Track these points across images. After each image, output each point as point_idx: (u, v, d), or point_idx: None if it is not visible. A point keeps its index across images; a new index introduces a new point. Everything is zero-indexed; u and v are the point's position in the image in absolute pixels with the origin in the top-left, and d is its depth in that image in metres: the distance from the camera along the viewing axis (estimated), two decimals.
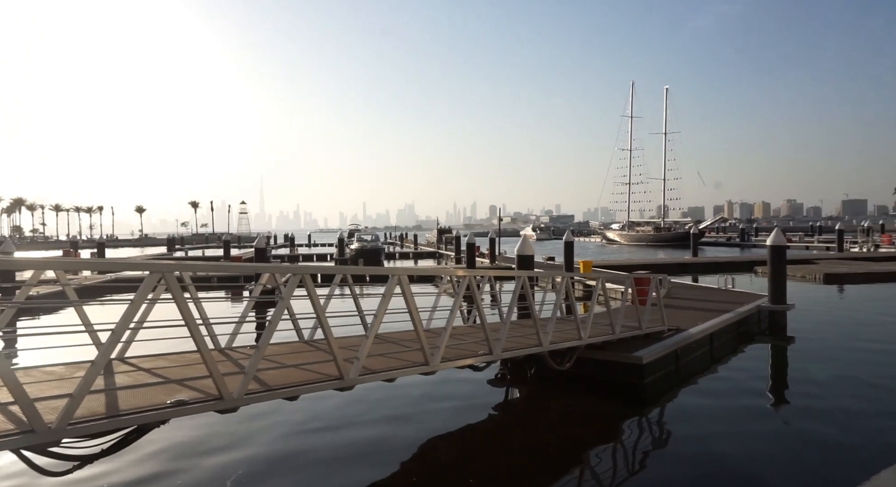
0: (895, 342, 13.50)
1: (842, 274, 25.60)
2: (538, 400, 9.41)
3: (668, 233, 72.74)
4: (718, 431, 7.81)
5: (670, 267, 30.94)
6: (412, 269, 21.04)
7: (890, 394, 9.33)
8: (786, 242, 16.73)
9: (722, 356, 11.96)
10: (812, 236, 64.69)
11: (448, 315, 6.91)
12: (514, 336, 8.60)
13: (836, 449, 7.07)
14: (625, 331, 10.18)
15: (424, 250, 58.32)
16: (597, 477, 6.52)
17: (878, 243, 44.74)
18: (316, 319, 5.59)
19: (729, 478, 6.36)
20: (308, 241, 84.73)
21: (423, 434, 7.60)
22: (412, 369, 6.31)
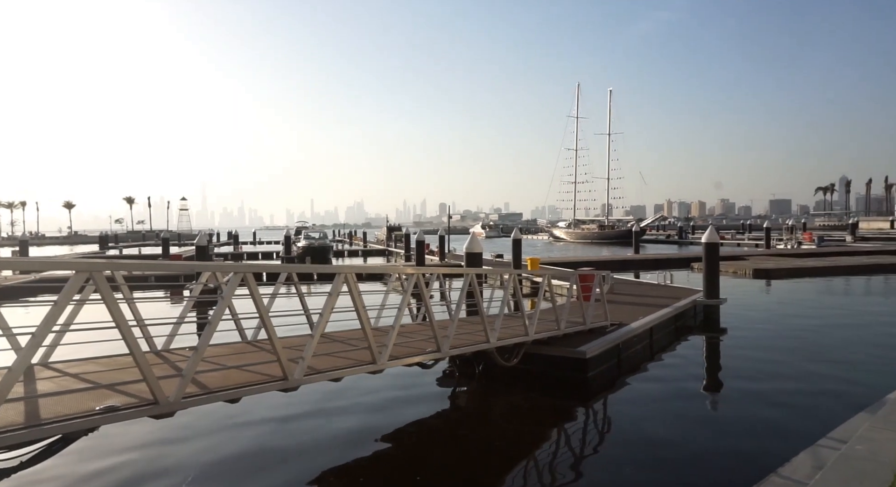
0: (817, 332, 14.46)
1: (769, 270, 27.23)
2: (486, 396, 9.50)
3: (612, 231, 75.20)
4: (657, 419, 8.18)
5: (613, 264, 31.97)
6: (360, 267, 20.84)
7: (811, 381, 9.98)
8: (719, 239, 17.64)
9: (661, 349, 12.47)
10: (743, 233, 68.60)
11: (396, 313, 6.84)
12: (462, 333, 8.64)
13: (762, 430, 7.57)
14: (570, 326, 10.42)
15: (374, 248, 57.72)
16: (543, 470, 6.64)
17: (801, 241, 47.92)
18: (259, 319, 5.39)
19: (667, 462, 6.65)
20: (253, 238, 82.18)
21: (370, 433, 7.52)
22: (359, 368, 6.21)
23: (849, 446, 4.47)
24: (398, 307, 6.97)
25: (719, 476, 6.23)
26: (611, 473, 6.49)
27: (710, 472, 6.38)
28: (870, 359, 11.43)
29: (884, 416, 5.31)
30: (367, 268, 24.14)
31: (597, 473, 6.55)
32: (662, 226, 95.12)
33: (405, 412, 8.39)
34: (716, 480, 6.17)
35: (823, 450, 5.51)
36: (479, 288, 8.92)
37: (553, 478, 6.41)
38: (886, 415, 5.32)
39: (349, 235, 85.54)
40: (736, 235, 66.51)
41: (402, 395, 9.31)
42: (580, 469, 6.65)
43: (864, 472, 3.81)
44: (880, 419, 5.21)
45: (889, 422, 5.05)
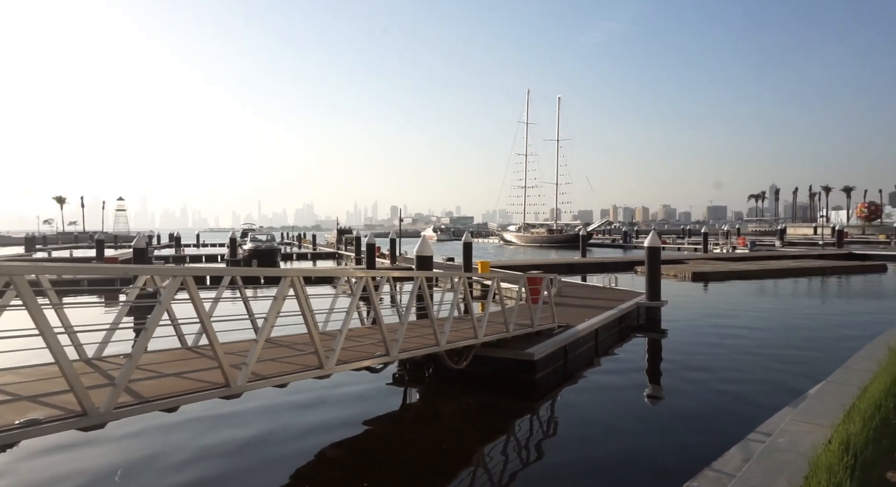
0: (749, 332, 15.25)
1: (706, 273, 28.60)
2: (435, 399, 9.51)
3: (561, 235, 77.04)
4: (601, 417, 8.44)
5: (561, 267, 32.73)
6: (308, 270, 20.41)
7: (744, 379, 10.52)
8: (660, 244, 18.39)
9: (606, 350, 12.85)
10: (683, 238, 71.78)
11: (344, 317, 6.75)
12: (411, 337, 8.62)
13: (699, 426, 7.94)
14: (518, 329, 10.59)
15: (323, 251, 56.80)
16: (491, 471, 6.70)
17: (735, 245, 50.67)
18: (200, 324, 5.19)
19: (611, 459, 6.86)
20: (196, 241, 79.18)
21: (316, 440, 7.37)
22: (306, 373, 6.09)
23: (772, 439, 4.76)
24: (346, 310, 6.88)
25: (659, 471, 6.47)
26: (557, 472, 6.62)
27: (651, 468, 6.61)
28: (797, 357, 12.16)
29: (804, 409, 5.68)
30: (315, 271, 23.67)
31: (543, 472, 6.67)
32: (608, 230, 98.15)
33: (353, 417, 8.29)
34: (656, 475, 6.41)
35: (752, 443, 5.82)
36: (430, 291, 8.94)
37: (501, 478, 6.47)
38: (806, 409, 5.69)
39: (298, 237, 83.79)
40: (676, 239, 69.50)
41: (351, 400, 9.20)
42: (528, 469, 6.75)
43: (784, 463, 4.07)
44: (801, 412, 5.57)
45: (808, 415, 5.41)
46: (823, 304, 21.87)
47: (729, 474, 4.71)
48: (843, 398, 5.41)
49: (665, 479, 6.19)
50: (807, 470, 3.37)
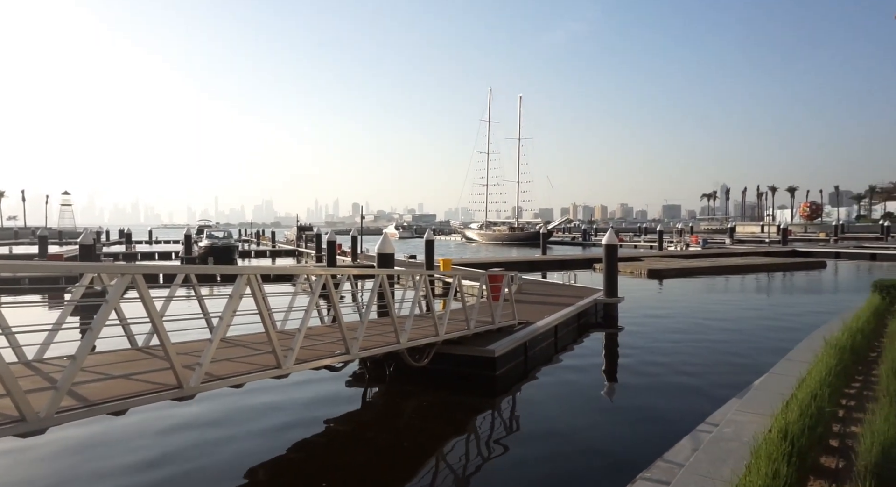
0: (701, 327, 15.84)
1: (661, 270, 29.52)
2: (396, 397, 9.49)
3: (522, 233, 77.92)
4: (560, 412, 8.61)
5: (522, 265, 33.17)
6: (266, 268, 19.99)
7: (696, 371, 10.91)
8: (618, 241, 18.86)
9: (565, 346, 13.11)
10: (639, 236, 73.82)
11: (303, 315, 6.65)
12: (372, 335, 8.58)
13: (654, 418, 8.19)
14: (479, 326, 10.67)
15: (283, 249, 55.70)
16: (452, 467, 6.73)
17: (689, 243, 52.50)
18: (151, 323, 5.01)
19: (569, 451, 7.01)
20: (149, 237, 76.30)
21: (274, 441, 7.25)
22: (263, 372, 5.96)
23: (718, 429, 4.97)
24: (305, 309, 6.78)
25: (615, 463, 6.64)
26: (517, 466, 6.72)
27: (608, 460, 6.78)
28: (745, 350, 12.71)
29: (748, 400, 5.96)
30: (274, 269, 23.21)
31: (503, 467, 6.74)
32: (568, 229, 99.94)
33: (312, 417, 8.18)
34: (612, 467, 6.57)
35: (701, 434, 6.05)
36: (391, 289, 8.90)
37: (462, 475, 6.52)
38: (750, 399, 5.97)
39: (257, 234, 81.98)
40: (633, 237, 71.41)
41: (310, 399, 9.08)
42: (488, 465, 6.82)
43: (729, 451, 4.26)
44: (745, 403, 5.84)
45: (751, 405, 5.68)
46: (769, 299, 22.91)
47: (679, 464, 4.88)
48: (783, 389, 5.70)
49: (621, 471, 6.35)
50: (749, 458, 3.54)
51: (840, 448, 4.52)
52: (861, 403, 5.57)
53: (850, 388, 6.28)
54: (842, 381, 5.81)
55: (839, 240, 56.68)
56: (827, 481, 3.92)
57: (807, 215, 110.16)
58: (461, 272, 12.09)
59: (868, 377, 6.67)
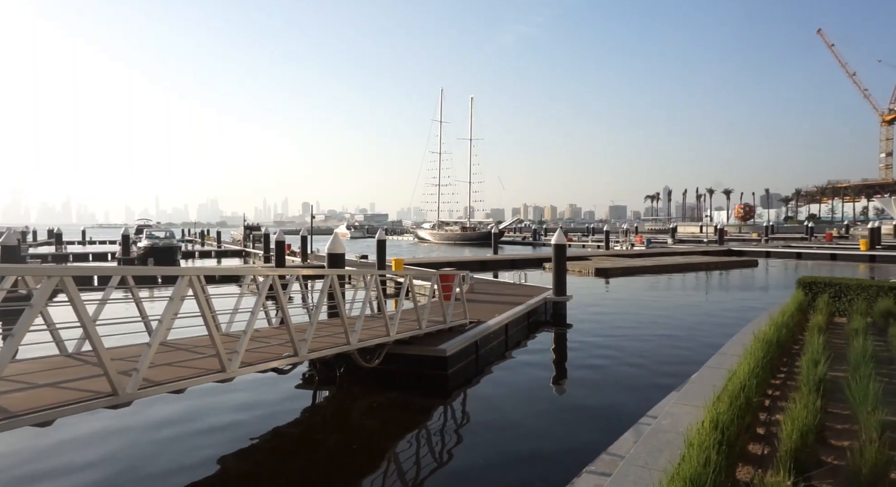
0: (646, 323, 16.46)
1: (608, 269, 30.47)
2: (347, 399, 9.39)
3: (474, 232, 78.60)
4: (511, 409, 8.76)
5: (474, 264, 33.46)
6: (211, 268, 19.30)
7: (640, 367, 11.34)
8: (566, 241, 19.36)
9: (515, 344, 13.33)
10: (587, 236, 75.94)
11: (249, 317, 6.48)
12: (322, 336, 8.46)
13: (600, 412, 8.47)
14: (431, 326, 10.70)
15: (229, 249, 53.99)
16: (402, 467, 6.73)
17: (633, 243, 54.47)
18: (82, 328, 4.75)
19: (519, 448, 7.15)
20: (82, 238, 72.21)
21: (218, 447, 7.03)
22: (206, 377, 5.77)
23: (657, 421, 5.20)
24: (252, 310, 6.61)
25: (564, 458, 6.81)
26: (468, 463, 6.78)
27: (557, 455, 6.94)
28: (685, 345, 13.31)
29: (684, 393, 6.27)
30: (219, 270, 22.47)
31: (455, 464, 6.79)
32: (519, 228, 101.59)
33: (258, 421, 7.99)
34: (561, 462, 6.73)
35: (642, 426, 6.30)
36: (342, 290, 8.80)
37: (413, 475, 6.52)
38: (686, 392, 6.28)
39: (201, 234, 79.12)
40: (582, 237, 73.41)
41: (258, 403, 8.86)
42: (440, 463, 6.86)
43: (666, 442, 4.47)
44: (682, 395, 6.14)
45: (687, 398, 5.98)
46: (707, 296, 24.07)
47: (621, 456, 5.07)
48: (716, 381, 6.02)
49: (568, 465, 6.52)
50: (683, 448, 3.73)
51: (766, 435, 4.83)
52: (785, 392, 5.95)
53: (776, 379, 6.70)
54: (768, 372, 6.20)
55: (769, 240, 60.18)
56: (753, 466, 4.18)
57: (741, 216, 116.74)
58: (413, 272, 12.09)
59: (792, 369, 7.14)
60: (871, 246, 40.90)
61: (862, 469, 3.52)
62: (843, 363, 6.80)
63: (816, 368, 5.59)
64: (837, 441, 4.72)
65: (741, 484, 3.81)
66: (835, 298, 11.82)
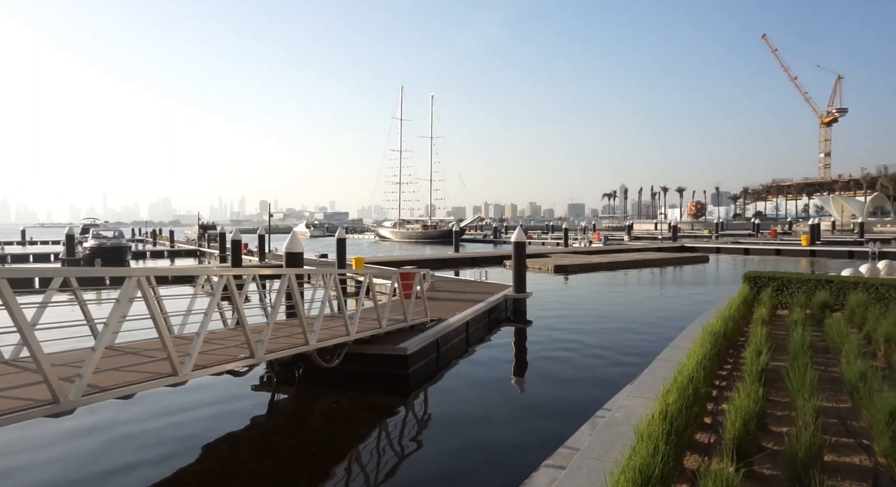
0: (603, 318, 16.87)
1: (566, 265, 31.05)
2: (306, 400, 9.26)
3: (435, 231, 78.70)
4: (472, 405, 8.81)
5: (435, 262, 33.51)
6: (162, 269, 18.66)
7: (599, 361, 11.60)
8: (526, 239, 19.63)
9: (476, 341, 13.43)
10: (547, 233, 77.21)
11: (202, 319, 6.30)
12: (279, 337, 8.32)
13: (560, 407, 8.63)
14: (391, 324, 10.67)
15: (183, 249, 52.29)
16: (363, 467, 6.70)
17: (591, 240, 55.78)
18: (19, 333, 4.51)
19: (480, 444, 7.21)
20: (22, 238, 68.51)
21: (173, 453, 6.82)
22: (156, 381, 5.58)
23: (611, 414, 5.36)
24: (205, 311, 6.43)
25: (524, 453, 6.90)
26: (429, 461, 6.81)
27: (517, 451, 7.02)
28: (641, 338, 13.71)
29: (637, 385, 6.47)
30: (171, 270, 21.72)
31: (416, 463, 6.81)
32: (480, 226, 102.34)
33: (213, 426, 7.78)
34: (521, 457, 6.81)
35: (598, 420, 6.46)
36: (300, 289, 8.66)
37: (374, 475, 6.50)
38: (639, 384, 6.49)
39: (153, 233, 76.34)
40: (541, 234, 74.54)
41: (213, 407, 8.64)
42: (400, 462, 6.86)
43: (619, 434, 4.61)
44: (635, 388, 6.35)
45: (640, 390, 6.18)
46: (662, 291, 24.88)
47: (577, 449, 5.19)
48: (667, 373, 6.25)
49: (528, 460, 6.62)
50: (635, 440, 3.85)
51: (712, 424, 5.04)
52: (731, 382, 6.22)
53: (723, 370, 7.00)
54: (715, 364, 6.47)
55: (720, 236, 62.62)
56: (700, 454, 4.36)
57: (693, 213, 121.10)
58: (373, 271, 12.02)
59: (738, 359, 7.46)
60: (812, 242, 43.14)
61: (798, 454, 3.72)
62: (783, 354, 7.16)
63: (759, 358, 5.87)
64: (777, 427, 4.97)
65: (688, 472, 3.97)
66: (777, 291, 12.42)
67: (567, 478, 4.04)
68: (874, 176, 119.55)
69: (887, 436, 3.92)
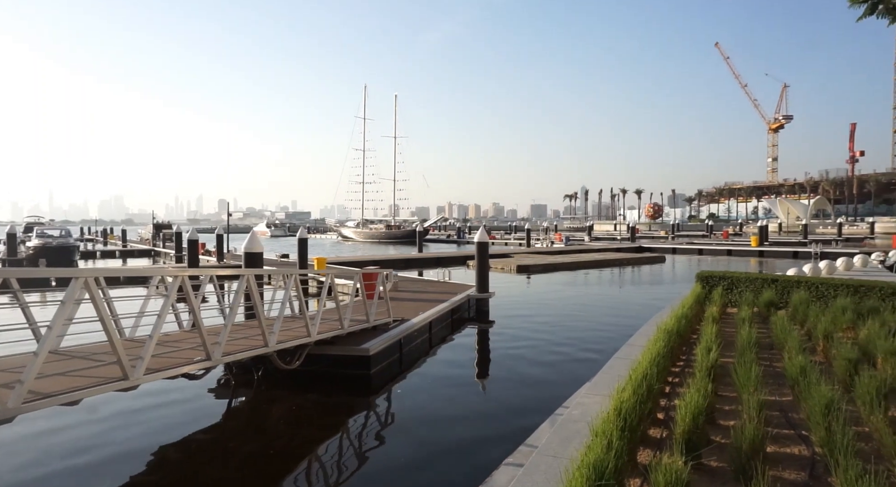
0: (565, 318, 17.16)
1: (529, 266, 31.47)
2: (265, 402, 9.09)
3: (399, 231, 78.40)
4: (434, 406, 8.83)
5: (398, 263, 33.41)
6: (112, 269, 17.96)
7: (561, 359, 11.79)
8: (489, 239, 19.79)
9: (439, 341, 13.46)
10: (510, 233, 78.04)
11: (156, 321, 6.11)
12: (238, 338, 8.15)
13: (521, 405, 8.73)
14: (354, 325, 10.58)
15: (136, 248, 50.42)
16: (324, 471, 6.62)
17: (553, 241, 56.72)
18: None
19: (443, 443, 7.25)
20: None
21: (125, 460, 6.59)
22: (105, 386, 5.38)
23: (569, 411, 5.48)
24: (159, 313, 6.23)
25: (486, 452, 6.96)
26: (391, 462, 6.78)
27: (479, 450, 7.07)
28: (601, 337, 14.02)
29: (595, 383, 6.64)
30: (123, 271, 20.93)
31: (378, 464, 6.77)
32: (444, 226, 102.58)
33: (169, 431, 7.55)
34: (482, 456, 6.86)
35: (558, 417, 6.58)
36: (260, 290, 8.49)
37: (334, 477, 6.44)
38: (596, 382, 6.66)
39: (104, 233, 73.31)
40: (504, 235, 75.25)
41: (167, 412, 8.38)
42: (362, 463, 6.80)
43: (576, 431, 4.72)
44: (592, 385, 6.51)
45: (597, 387, 6.34)
46: (621, 291, 25.51)
47: (536, 447, 5.28)
48: (623, 371, 6.43)
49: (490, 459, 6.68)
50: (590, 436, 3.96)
51: (665, 419, 5.22)
52: (683, 379, 6.45)
53: (676, 366, 7.25)
54: (669, 361, 6.69)
55: (675, 237, 64.63)
56: (653, 449, 4.51)
57: (650, 215, 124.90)
58: (335, 271, 11.88)
59: (690, 356, 7.74)
60: (760, 243, 45.05)
61: (742, 446, 3.90)
62: (732, 350, 7.47)
63: (709, 355, 6.11)
64: (725, 421, 5.19)
65: (641, 467, 4.10)
66: (728, 290, 12.94)
67: (525, 476, 4.11)
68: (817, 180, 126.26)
69: (823, 427, 4.15)
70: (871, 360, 6.73)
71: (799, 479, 4.03)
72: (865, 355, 6.85)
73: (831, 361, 6.85)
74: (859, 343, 7.35)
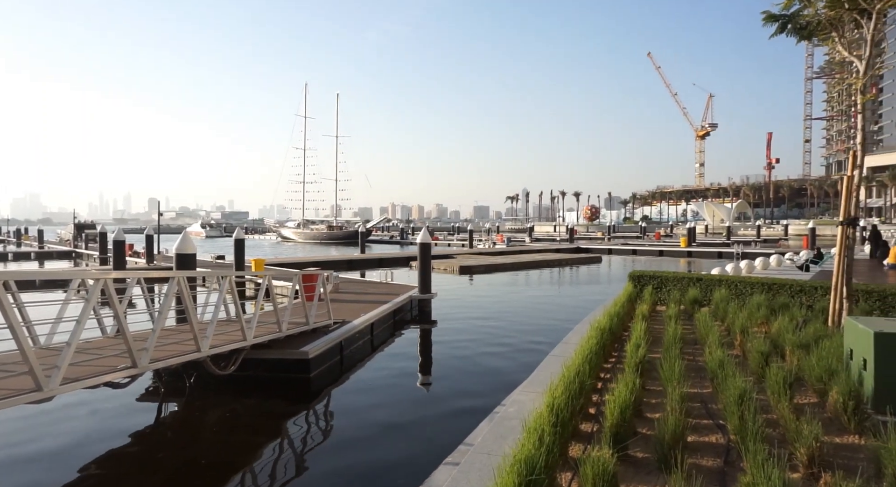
0: (506, 317, 17.45)
1: (471, 266, 31.82)
2: (198, 411, 8.73)
3: (341, 231, 77.20)
4: (376, 408, 8.75)
5: (340, 264, 32.94)
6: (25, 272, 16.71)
7: (500, 359, 11.99)
8: (432, 240, 19.89)
9: (381, 343, 13.38)
10: (453, 234, 78.58)
11: (74, 327, 5.75)
12: (168, 344, 7.81)
13: (463, 405, 8.82)
14: (292, 328, 10.36)
15: (55, 250, 47.10)
16: (259, 480, 6.43)
17: (495, 241, 57.66)
18: None
19: (384, 444, 7.23)
20: None
21: (41, 478, 6.16)
22: (15, 398, 5.01)
23: (504, 409, 5.61)
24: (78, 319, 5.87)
25: (427, 452, 6.95)
26: (331, 468, 6.67)
27: (420, 450, 7.10)
28: (539, 335, 14.36)
29: (530, 380, 6.83)
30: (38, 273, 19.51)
31: (318, 469, 6.64)
32: (387, 227, 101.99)
33: (91, 445, 7.12)
34: (424, 457, 6.86)
35: (496, 415, 6.71)
36: (193, 293, 8.16)
37: (272, 485, 6.27)
38: (532, 379, 6.85)
39: (17, 233, 68.02)
40: (447, 236, 75.71)
41: (88, 424, 7.90)
42: (301, 470, 6.66)
43: (511, 428, 4.85)
44: (528, 383, 6.69)
45: (533, 385, 6.53)
46: (559, 290, 26.26)
47: (474, 445, 5.37)
48: (557, 368, 6.65)
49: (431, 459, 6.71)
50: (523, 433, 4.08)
51: (596, 414, 5.44)
52: (615, 375, 6.75)
53: (608, 363, 7.57)
54: (601, 358, 6.98)
55: (611, 238, 67.22)
56: (584, 443, 4.70)
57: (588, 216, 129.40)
58: (273, 272, 11.58)
59: (621, 353, 8.09)
60: (689, 244, 47.67)
61: (665, 437, 4.14)
62: (660, 346, 7.87)
63: (638, 351, 6.43)
64: (652, 413, 5.47)
65: (572, 461, 4.27)
66: (657, 289, 13.61)
67: (460, 474, 4.18)
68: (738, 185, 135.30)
69: (737, 416, 4.47)
70: (780, 352, 7.29)
71: (715, 466, 4.31)
72: (776, 348, 7.41)
73: (747, 354, 7.35)
74: (771, 337, 7.93)
